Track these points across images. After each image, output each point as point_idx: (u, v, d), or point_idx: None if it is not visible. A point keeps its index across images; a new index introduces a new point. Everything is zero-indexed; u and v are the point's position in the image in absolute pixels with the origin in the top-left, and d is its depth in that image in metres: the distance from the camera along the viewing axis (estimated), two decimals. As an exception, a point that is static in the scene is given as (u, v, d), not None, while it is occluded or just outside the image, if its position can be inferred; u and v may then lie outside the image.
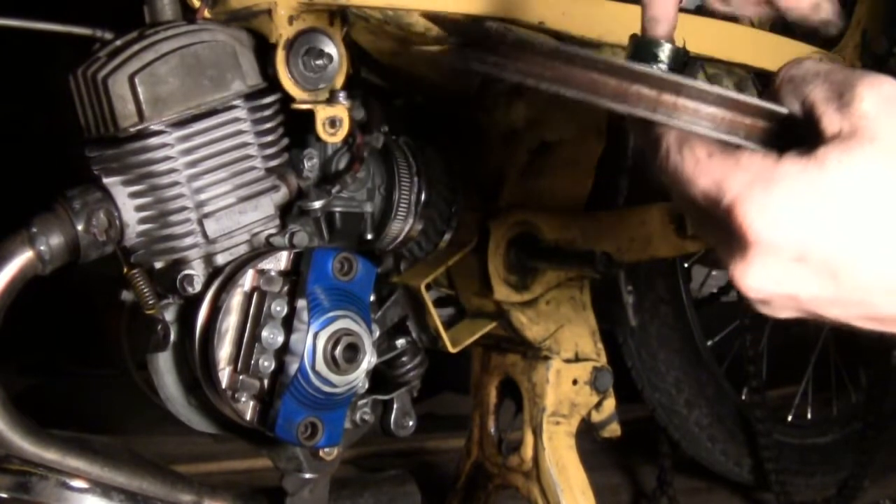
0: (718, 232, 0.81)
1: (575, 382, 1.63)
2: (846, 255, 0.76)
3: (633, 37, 1.00)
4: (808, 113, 0.80)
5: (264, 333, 1.21)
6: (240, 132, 1.26)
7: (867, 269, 0.76)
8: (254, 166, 1.28)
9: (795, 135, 0.81)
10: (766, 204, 0.76)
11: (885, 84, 0.77)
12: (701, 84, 0.82)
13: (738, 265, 0.79)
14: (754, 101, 0.82)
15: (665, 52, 0.97)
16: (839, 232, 0.76)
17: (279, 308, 1.22)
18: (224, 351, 1.21)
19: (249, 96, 1.27)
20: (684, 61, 0.99)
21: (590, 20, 1.42)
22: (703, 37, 1.45)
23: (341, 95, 1.29)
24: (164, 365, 1.26)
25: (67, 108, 1.26)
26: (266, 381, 1.23)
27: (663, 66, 0.97)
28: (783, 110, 0.82)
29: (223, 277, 1.24)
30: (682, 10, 1.33)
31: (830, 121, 0.77)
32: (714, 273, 2.59)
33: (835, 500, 2.34)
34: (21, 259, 1.19)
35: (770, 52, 1.58)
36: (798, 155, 0.77)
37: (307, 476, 1.32)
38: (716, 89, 0.81)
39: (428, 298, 1.50)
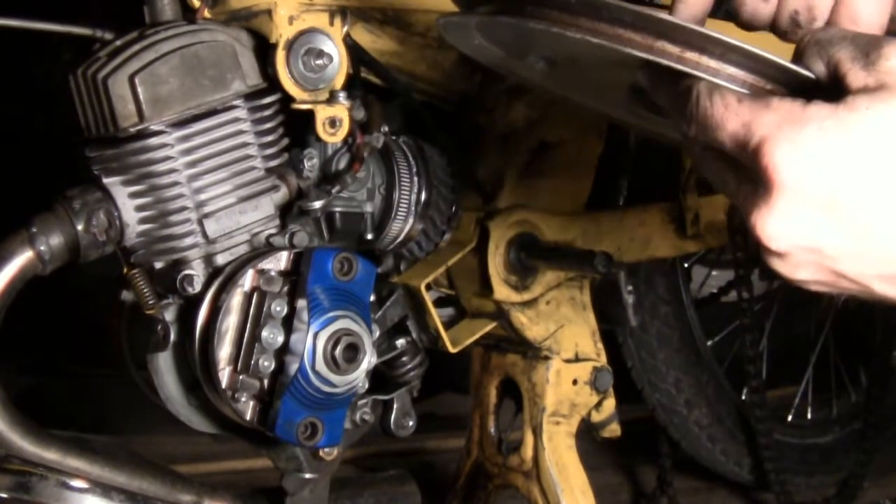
0: (742, 182, 0.79)
1: (575, 382, 1.63)
2: (875, 204, 0.74)
3: None
4: (833, 72, 0.79)
5: (264, 333, 1.21)
6: (240, 132, 1.27)
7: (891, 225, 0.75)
8: (254, 166, 1.28)
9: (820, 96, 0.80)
10: (795, 144, 0.74)
11: None
12: (727, 39, 0.80)
13: (762, 211, 0.76)
14: (780, 61, 0.81)
15: None
16: (869, 179, 0.74)
17: (279, 308, 1.22)
18: (224, 351, 1.22)
19: (249, 96, 1.27)
20: None
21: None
22: None
23: (341, 95, 1.29)
24: (164, 365, 1.26)
25: (67, 108, 1.26)
26: (266, 381, 1.23)
27: None
28: (809, 74, 0.81)
29: (223, 277, 1.24)
30: None
31: (856, 77, 0.76)
32: (714, 273, 2.59)
33: (835, 500, 2.34)
34: (21, 259, 1.19)
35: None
36: (828, 102, 0.75)
37: (307, 476, 1.32)
38: (742, 45, 0.80)
39: (428, 298, 1.50)
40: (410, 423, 1.40)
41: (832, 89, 0.79)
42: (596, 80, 1.07)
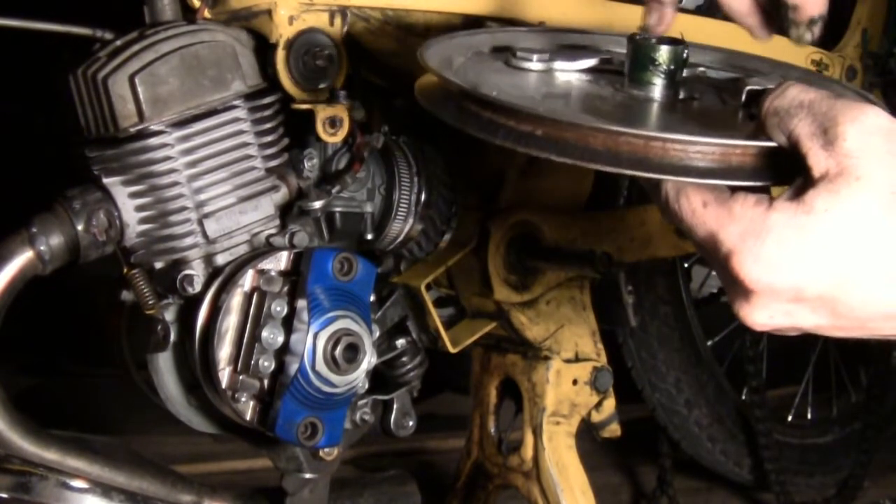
0: (722, 273, 0.86)
1: (575, 382, 1.63)
2: (840, 290, 0.81)
3: (631, 40, 1.01)
4: (794, 147, 0.83)
5: (264, 333, 1.21)
6: (240, 132, 1.26)
7: (862, 301, 0.81)
8: (254, 166, 1.28)
9: (784, 161, 0.85)
10: (759, 254, 0.81)
11: (868, 116, 0.80)
12: (685, 138, 0.85)
13: (742, 307, 0.85)
14: (741, 143, 0.86)
15: (663, 55, 0.99)
16: (831, 271, 0.80)
17: (279, 308, 1.22)
18: (224, 351, 1.22)
19: (249, 96, 1.27)
20: (683, 60, 1.00)
21: (589, 19, 1.42)
22: (701, 35, 1.45)
23: (341, 95, 1.29)
24: (164, 365, 1.26)
25: (67, 108, 1.26)
26: (266, 381, 1.23)
27: (662, 69, 0.98)
28: (770, 144, 0.86)
29: (223, 277, 1.24)
30: (680, 9, 1.34)
31: (817, 159, 0.81)
32: (714, 273, 2.59)
33: (835, 500, 2.34)
34: (21, 259, 1.19)
35: (769, 52, 1.58)
36: (787, 200, 0.82)
37: (307, 476, 1.32)
38: (701, 140, 0.85)
39: (428, 298, 1.50)
40: (410, 423, 1.40)
41: (795, 156, 0.84)
42: None
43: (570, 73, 1.09)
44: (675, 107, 1.02)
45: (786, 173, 0.85)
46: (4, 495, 1.19)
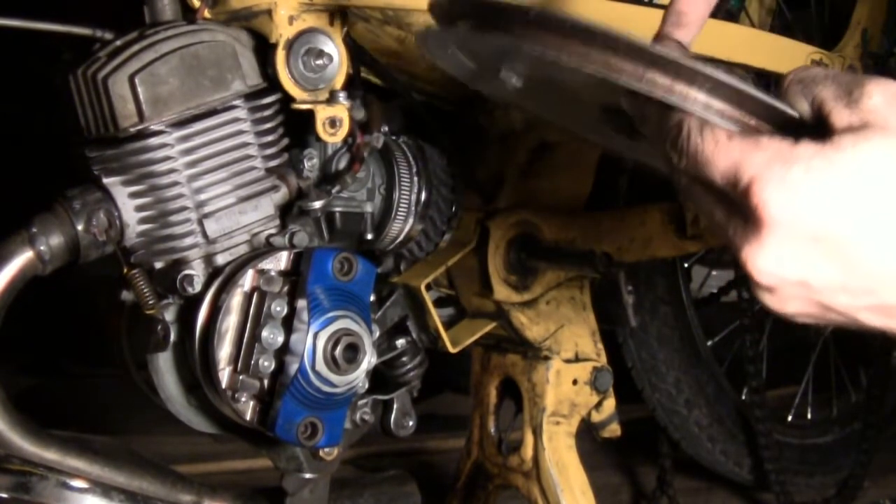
0: (732, 216, 0.82)
1: (575, 382, 1.63)
2: (861, 239, 0.77)
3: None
4: (817, 111, 0.81)
5: (264, 333, 1.21)
6: (240, 132, 1.26)
7: (880, 256, 0.77)
8: (254, 166, 1.28)
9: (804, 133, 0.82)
10: (783, 182, 0.77)
11: (893, 83, 0.78)
12: (717, 75, 0.82)
13: (751, 246, 0.79)
14: (768, 99, 0.83)
15: None
16: (854, 215, 0.77)
17: (279, 308, 1.22)
18: (224, 351, 1.21)
19: (249, 96, 1.27)
20: None
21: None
22: (702, 37, 1.45)
23: (341, 95, 1.29)
24: (164, 365, 1.26)
25: (67, 108, 1.26)
26: (266, 381, 1.23)
27: None
28: (794, 113, 0.83)
29: (223, 277, 1.24)
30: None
31: (840, 116, 0.79)
32: (714, 273, 2.59)
33: (835, 500, 2.34)
34: (21, 259, 1.19)
35: (769, 52, 1.58)
36: (814, 142, 0.78)
37: (307, 476, 1.32)
38: (732, 82, 0.82)
39: (428, 298, 1.50)
40: (410, 423, 1.40)
41: (817, 127, 0.81)
42: (569, 98, 1.07)
43: None
44: None
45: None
46: (4, 495, 1.19)
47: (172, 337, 1.25)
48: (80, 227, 1.21)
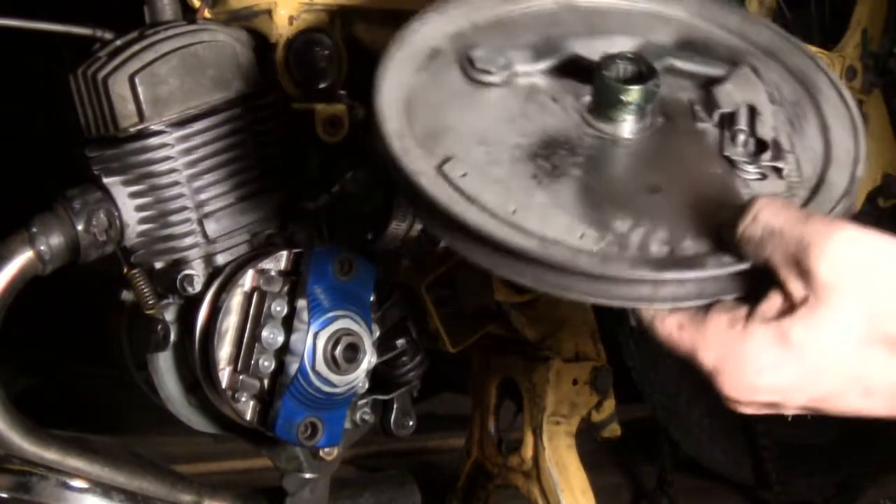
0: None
1: (575, 382, 1.63)
2: (817, 404, 0.86)
3: (599, 75, 0.97)
4: (771, 273, 0.85)
5: (264, 333, 1.21)
6: (240, 132, 1.26)
7: (839, 410, 0.86)
8: (253, 166, 1.28)
9: (758, 275, 0.87)
10: (738, 382, 0.85)
11: (838, 243, 0.82)
12: (673, 276, 0.87)
13: (729, 403, 0.88)
14: (715, 273, 0.88)
15: (633, 95, 0.96)
16: (808, 393, 0.85)
17: (279, 308, 1.22)
18: (224, 351, 1.22)
19: (249, 96, 1.27)
20: (654, 93, 0.97)
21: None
22: None
23: (341, 95, 1.29)
24: (164, 365, 1.26)
25: (67, 108, 1.26)
26: (266, 381, 1.23)
27: (632, 108, 0.96)
28: (743, 267, 0.88)
29: (223, 277, 1.24)
30: None
31: (793, 287, 0.83)
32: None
33: (835, 500, 2.34)
34: (21, 259, 1.20)
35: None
36: (763, 324, 0.84)
37: (307, 476, 1.32)
38: (686, 276, 0.87)
39: (428, 298, 1.49)
40: (410, 423, 1.40)
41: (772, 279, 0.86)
42: None
43: (534, 78, 1.02)
44: (648, 152, 0.98)
45: (759, 285, 0.87)
46: (5, 495, 1.19)
47: (172, 337, 1.25)
48: (80, 227, 1.21)
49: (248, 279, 1.23)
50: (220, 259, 1.26)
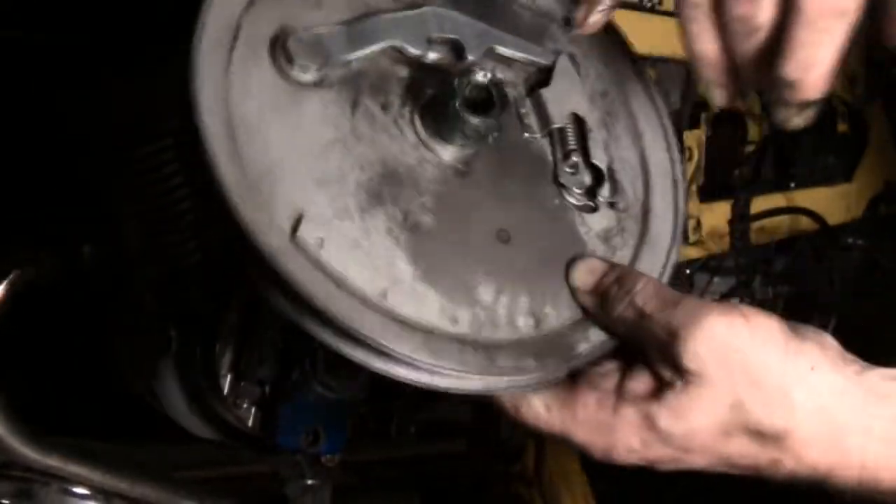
0: None
1: (576, 388, 1.63)
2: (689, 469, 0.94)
3: (442, 99, 0.88)
4: (641, 352, 0.89)
5: (266, 340, 1.21)
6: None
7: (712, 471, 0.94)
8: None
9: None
10: (609, 457, 0.90)
11: (704, 332, 0.84)
12: (513, 375, 0.87)
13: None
14: (590, 352, 0.90)
15: (476, 126, 0.87)
16: (679, 465, 0.94)
17: (281, 314, 1.22)
18: (225, 358, 1.21)
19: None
20: (498, 126, 0.89)
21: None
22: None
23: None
24: (165, 370, 1.26)
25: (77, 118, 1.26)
26: (267, 388, 1.22)
27: (472, 138, 0.89)
28: (615, 343, 0.91)
29: (225, 282, 1.24)
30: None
31: (661, 370, 0.87)
32: (716, 280, 2.59)
33: (833, 500, 2.34)
34: (22, 264, 1.19)
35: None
36: (632, 405, 0.88)
37: (309, 482, 1.32)
38: (522, 378, 0.88)
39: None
40: (411, 428, 1.40)
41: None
42: None
43: (352, 72, 0.88)
44: (489, 183, 0.91)
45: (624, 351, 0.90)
46: (7, 502, 1.19)
47: (174, 342, 1.24)
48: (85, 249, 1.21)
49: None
50: (222, 264, 1.25)
